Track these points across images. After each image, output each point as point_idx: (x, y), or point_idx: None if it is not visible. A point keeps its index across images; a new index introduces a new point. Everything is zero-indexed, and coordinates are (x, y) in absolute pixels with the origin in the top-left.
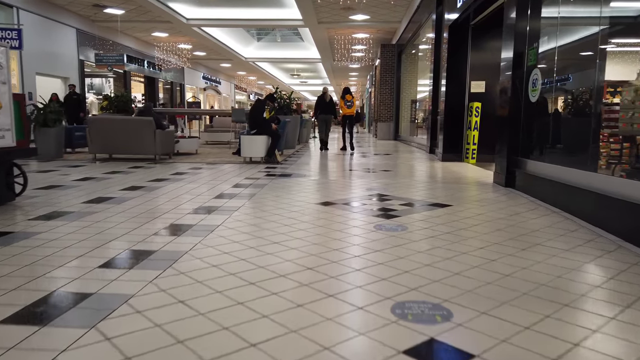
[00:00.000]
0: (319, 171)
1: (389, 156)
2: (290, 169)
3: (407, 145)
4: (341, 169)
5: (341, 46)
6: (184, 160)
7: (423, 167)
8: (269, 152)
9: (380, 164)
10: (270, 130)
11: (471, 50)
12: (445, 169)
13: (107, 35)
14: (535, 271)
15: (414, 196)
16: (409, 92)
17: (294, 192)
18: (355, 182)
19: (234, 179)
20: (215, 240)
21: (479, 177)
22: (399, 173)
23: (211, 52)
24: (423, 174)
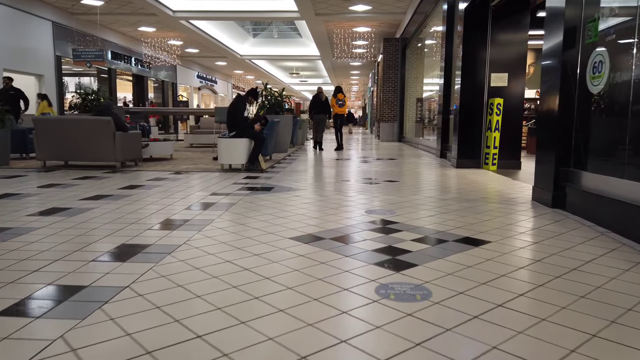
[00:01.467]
0: (309, 182)
1: (393, 162)
2: (275, 179)
3: (413, 148)
4: (336, 179)
5: (341, 41)
6: (152, 167)
7: (435, 176)
8: (251, 158)
9: (383, 171)
10: (252, 132)
11: (491, 37)
12: (463, 179)
13: (89, 30)
14: None
15: (432, 224)
16: (415, 89)
17: (269, 217)
18: (352, 199)
19: (198, 194)
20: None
21: (509, 190)
22: (406, 185)
23: (204, 49)
24: (437, 187)
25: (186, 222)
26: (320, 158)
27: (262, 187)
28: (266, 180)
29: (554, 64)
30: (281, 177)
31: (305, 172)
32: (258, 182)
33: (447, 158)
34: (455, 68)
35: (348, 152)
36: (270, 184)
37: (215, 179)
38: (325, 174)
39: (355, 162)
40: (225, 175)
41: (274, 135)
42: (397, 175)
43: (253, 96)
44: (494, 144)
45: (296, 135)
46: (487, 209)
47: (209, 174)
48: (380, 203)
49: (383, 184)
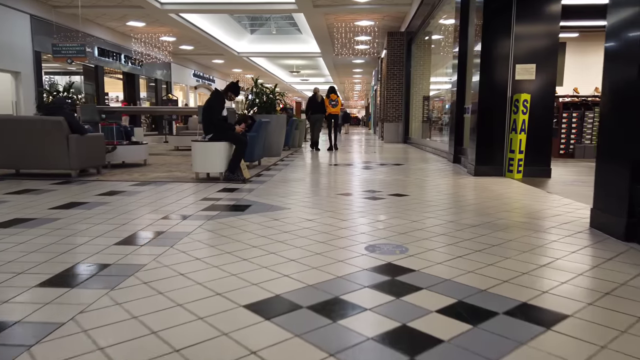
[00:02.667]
0: (297, 197)
1: (400, 168)
2: (257, 193)
3: (420, 151)
4: (332, 191)
5: (342, 35)
6: (116, 176)
7: (452, 187)
8: (231, 165)
9: (389, 181)
10: (232, 135)
11: (516, 22)
12: (486, 192)
13: (73, 25)
14: None
15: (462, 273)
16: (421, 87)
17: (226, 260)
18: (349, 224)
19: (145, 219)
20: None
21: (551, 209)
22: (418, 201)
23: (199, 45)
24: (457, 204)
25: (96, 274)
26: (317, 163)
27: (235, 206)
28: (246, 194)
29: (625, 42)
30: (265, 190)
31: (297, 182)
32: (234, 197)
33: (461, 163)
34: (471, 61)
35: (349, 156)
36: (249, 200)
37: (184, 192)
38: (320, 184)
39: (356, 168)
40: (199, 187)
41: (262, 138)
42: (406, 186)
43: (233, 91)
44: (519, 147)
45: (292, 137)
46: (535, 243)
47: (179, 185)
48: (386, 232)
49: (389, 200)
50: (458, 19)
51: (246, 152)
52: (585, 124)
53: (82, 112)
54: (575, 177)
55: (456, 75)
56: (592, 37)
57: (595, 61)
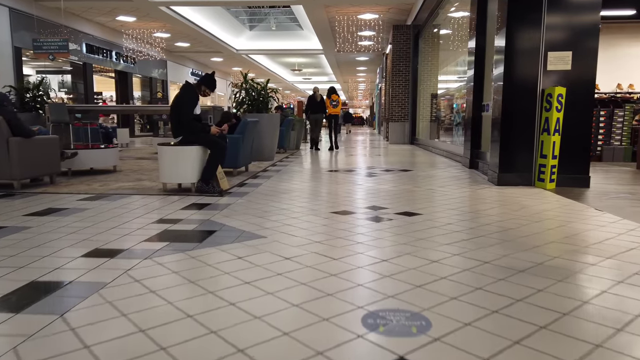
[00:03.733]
0: (279, 218)
1: (408, 175)
2: (229, 212)
3: (428, 153)
4: (326, 208)
5: (344, 30)
6: (72, 186)
7: (475, 202)
8: (205, 174)
9: (396, 193)
10: (206, 137)
11: (548, 1)
12: (521, 210)
13: (58, 19)
14: None
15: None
16: (429, 84)
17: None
18: (340, 268)
19: (52, 260)
20: None
21: (615, 238)
22: (435, 224)
23: (196, 42)
24: (488, 229)
25: None
26: (313, 169)
27: (195, 232)
28: (216, 212)
29: None
30: (243, 206)
31: (285, 194)
32: (200, 218)
33: (479, 169)
34: (490, 52)
35: (350, 160)
36: (216, 223)
37: (139, 210)
38: (313, 198)
39: (358, 175)
40: (163, 201)
41: (249, 140)
42: (416, 201)
43: (208, 85)
44: (552, 151)
45: (287, 139)
46: (629, 308)
47: (140, 199)
48: (394, 284)
49: (397, 221)
50: (474, 12)
51: (229, 157)
52: (615, 122)
53: (51, 112)
54: (618, 186)
55: (473, 70)
56: (617, 28)
57: (624, 54)
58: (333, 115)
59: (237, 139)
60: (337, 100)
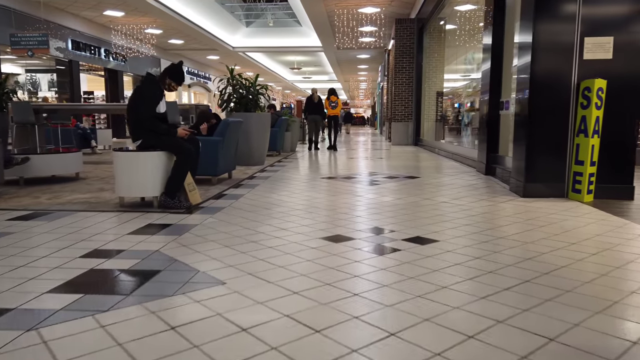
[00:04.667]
0: (252, 249)
1: (415, 184)
2: (190, 238)
3: (434, 156)
4: (315, 233)
5: (344, 24)
6: (14, 200)
7: (502, 222)
8: (169, 186)
9: (402, 208)
10: (170, 141)
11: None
12: (565, 235)
13: (38, 13)
14: None
15: None
16: (434, 81)
17: None
18: (332, 350)
19: None
20: None
21: None
22: (459, 259)
23: (190, 39)
24: (533, 269)
25: None
26: (307, 176)
27: (128, 274)
28: (173, 239)
29: None
30: (210, 229)
31: (266, 211)
32: (147, 248)
33: (496, 175)
34: (509, 42)
35: (350, 164)
36: (165, 257)
37: (76, 234)
38: (300, 216)
39: (357, 183)
40: (114, 221)
41: (232, 143)
42: (429, 220)
43: (173, 77)
44: (590, 157)
45: (281, 140)
46: None
47: (87, 218)
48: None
49: (407, 255)
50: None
51: (207, 163)
52: None
53: (14, 112)
54: None
55: (489, 63)
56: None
57: None
58: (332, 116)
59: (216, 142)
60: (337, 101)
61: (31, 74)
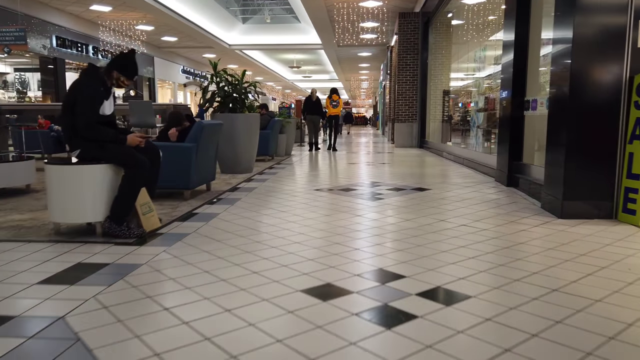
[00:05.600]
0: (202, 323)
1: (425, 198)
2: (122, 291)
3: (442, 160)
4: (300, 280)
5: (344, 19)
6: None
7: (551, 263)
8: (116, 208)
9: (414, 235)
10: (117, 151)
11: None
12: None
13: (15, 7)
14: None
15: None
16: (441, 79)
17: None
18: None
19: None
20: None
21: None
22: (504, 327)
23: (183, 36)
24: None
25: None
26: (299, 186)
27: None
28: (102, 288)
29: None
30: (159, 271)
31: (241, 240)
32: (42, 315)
33: (519, 186)
34: (536, 25)
35: (350, 170)
36: (63, 336)
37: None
38: (283, 248)
39: (357, 196)
40: (36, 257)
41: (209, 149)
42: (448, 255)
43: (123, 70)
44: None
45: (274, 143)
46: None
47: (6, 251)
48: None
49: (425, 327)
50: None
51: (180, 174)
52: None
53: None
54: None
55: (511, 55)
56: None
57: None
58: (333, 116)
59: (188, 149)
60: (338, 100)
61: (20, 73)
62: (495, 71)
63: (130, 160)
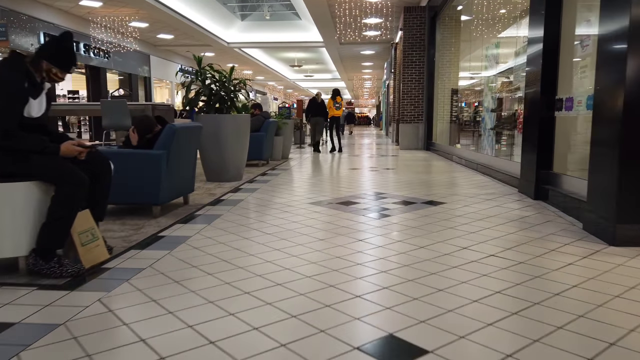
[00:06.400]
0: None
1: (440, 215)
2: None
3: (452, 164)
4: (285, 336)
5: (345, 14)
6: None
7: (608, 314)
8: (44, 239)
9: (432, 273)
10: (46, 165)
11: None
12: None
13: (7, 4)
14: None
15: None
16: (449, 77)
17: None
18: None
19: None
20: None
21: None
22: None
23: (179, 33)
24: None
25: None
26: (292, 198)
27: None
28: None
29: None
30: (78, 339)
31: (204, 282)
32: None
33: (549, 200)
34: (568, 30)
35: (351, 177)
36: None
37: None
38: (257, 298)
39: (359, 214)
40: None
41: (183, 158)
42: (479, 310)
43: (51, 60)
44: None
45: (270, 147)
46: None
47: None
48: None
49: None
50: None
51: (147, 187)
52: None
53: None
54: None
55: (540, 46)
56: None
57: None
58: (336, 118)
59: (155, 157)
60: (341, 102)
61: None
62: (517, 64)
63: (63, 177)
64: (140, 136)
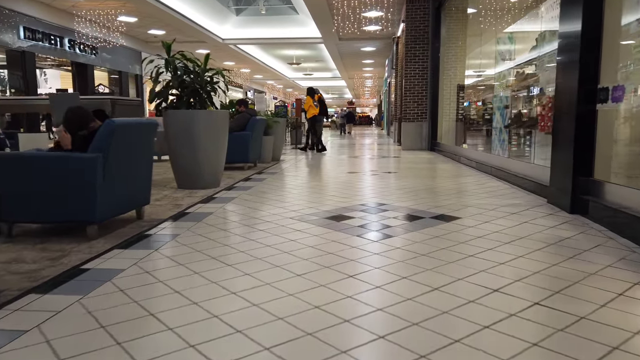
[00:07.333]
0: None
1: (454, 234)
2: None
3: (459, 166)
4: None
5: (343, 4)
6: None
7: None
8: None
9: (448, 348)
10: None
11: None
12: None
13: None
14: None
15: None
16: (455, 72)
17: None
18: None
19: None
20: None
21: None
22: None
23: (171, 29)
24: None
25: None
26: (273, 214)
27: None
28: None
29: None
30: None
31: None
32: None
33: (590, 215)
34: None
35: (347, 182)
36: None
37: None
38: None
39: (354, 234)
40: None
41: (135, 163)
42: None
43: None
44: None
45: (256, 148)
46: None
47: None
48: None
49: None
50: None
51: (79, 202)
52: None
53: None
54: None
55: (579, 25)
56: None
57: None
58: (315, 117)
59: (88, 162)
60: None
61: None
62: (541, 54)
63: None
64: (72, 133)
